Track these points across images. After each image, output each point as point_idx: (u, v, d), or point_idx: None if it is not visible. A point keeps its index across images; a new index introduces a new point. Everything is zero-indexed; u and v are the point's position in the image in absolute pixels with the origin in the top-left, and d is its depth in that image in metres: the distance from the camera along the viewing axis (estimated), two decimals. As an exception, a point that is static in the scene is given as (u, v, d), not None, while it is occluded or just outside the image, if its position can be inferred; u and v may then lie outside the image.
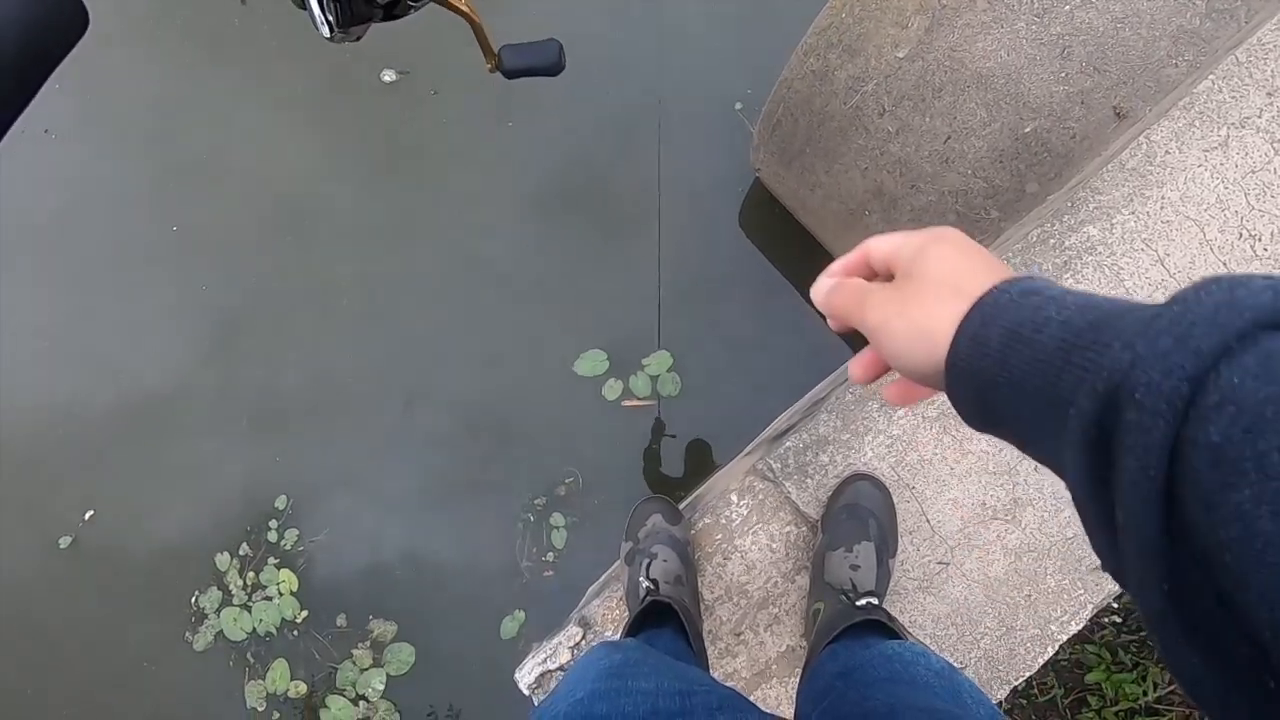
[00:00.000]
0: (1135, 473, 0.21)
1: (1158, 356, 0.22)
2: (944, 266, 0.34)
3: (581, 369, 1.85)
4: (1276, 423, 0.19)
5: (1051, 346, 0.27)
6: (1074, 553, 0.99)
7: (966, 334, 0.31)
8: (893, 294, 0.35)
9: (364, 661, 1.74)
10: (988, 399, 0.30)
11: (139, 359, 1.89)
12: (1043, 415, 0.27)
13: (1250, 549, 0.18)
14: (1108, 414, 0.23)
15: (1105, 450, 0.23)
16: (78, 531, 1.82)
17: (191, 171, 1.94)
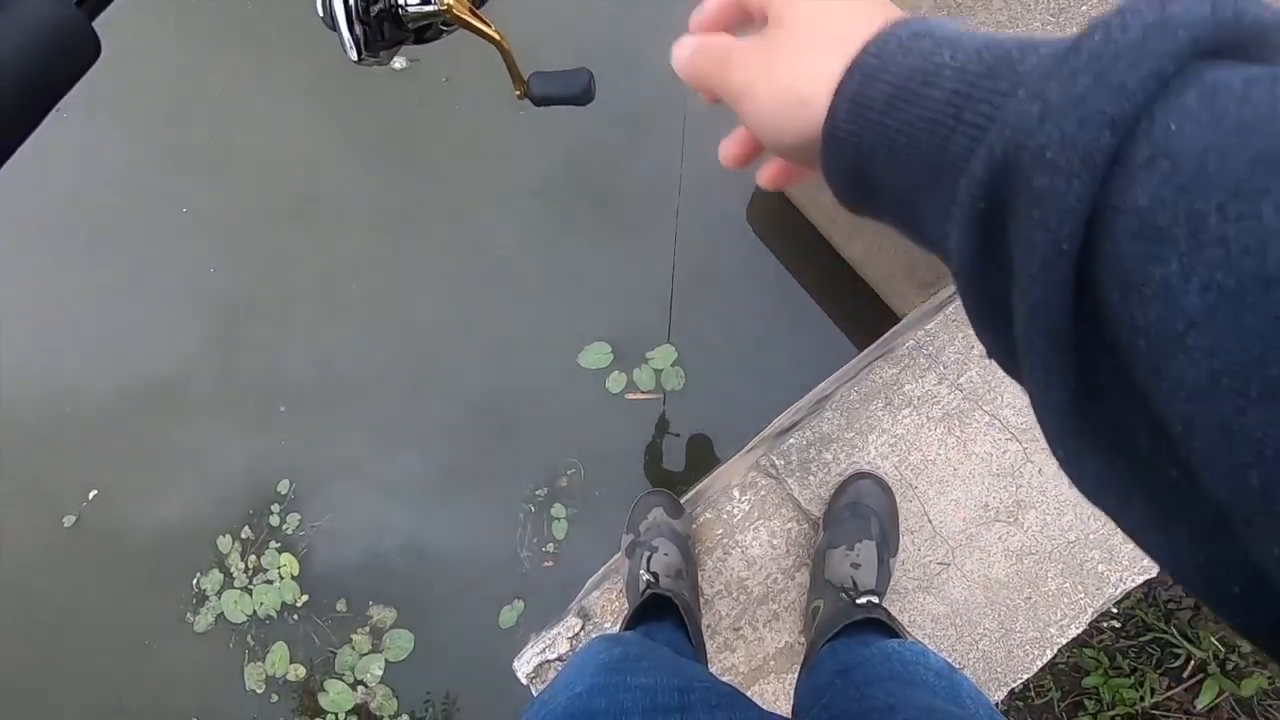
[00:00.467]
0: (1045, 249, 0.17)
1: (1072, 102, 0.17)
2: (822, 11, 0.27)
3: (586, 361, 1.85)
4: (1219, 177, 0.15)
5: (942, 101, 0.21)
6: (1076, 556, 0.98)
7: (846, 94, 0.24)
8: (759, 49, 0.28)
9: (363, 647, 1.75)
10: (865, 172, 0.25)
11: (145, 340, 1.90)
12: (928, 188, 0.22)
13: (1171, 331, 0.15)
14: (1007, 180, 0.19)
15: (1002, 226, 0.19)
16: (81, 511, 1.83)
17: (201, 155, 1.94)
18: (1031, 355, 0.19)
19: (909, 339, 1.07)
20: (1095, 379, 0.18)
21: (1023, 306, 0.19)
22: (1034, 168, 0.18)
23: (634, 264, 1.90)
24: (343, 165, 1.93)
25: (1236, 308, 0.14)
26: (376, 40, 0.49)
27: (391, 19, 0.50)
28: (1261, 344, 0.14)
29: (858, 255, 1.75)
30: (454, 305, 1.90)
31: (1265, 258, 0.14)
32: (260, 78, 1.95)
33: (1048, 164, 0.17)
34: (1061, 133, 0.17)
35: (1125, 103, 0.17)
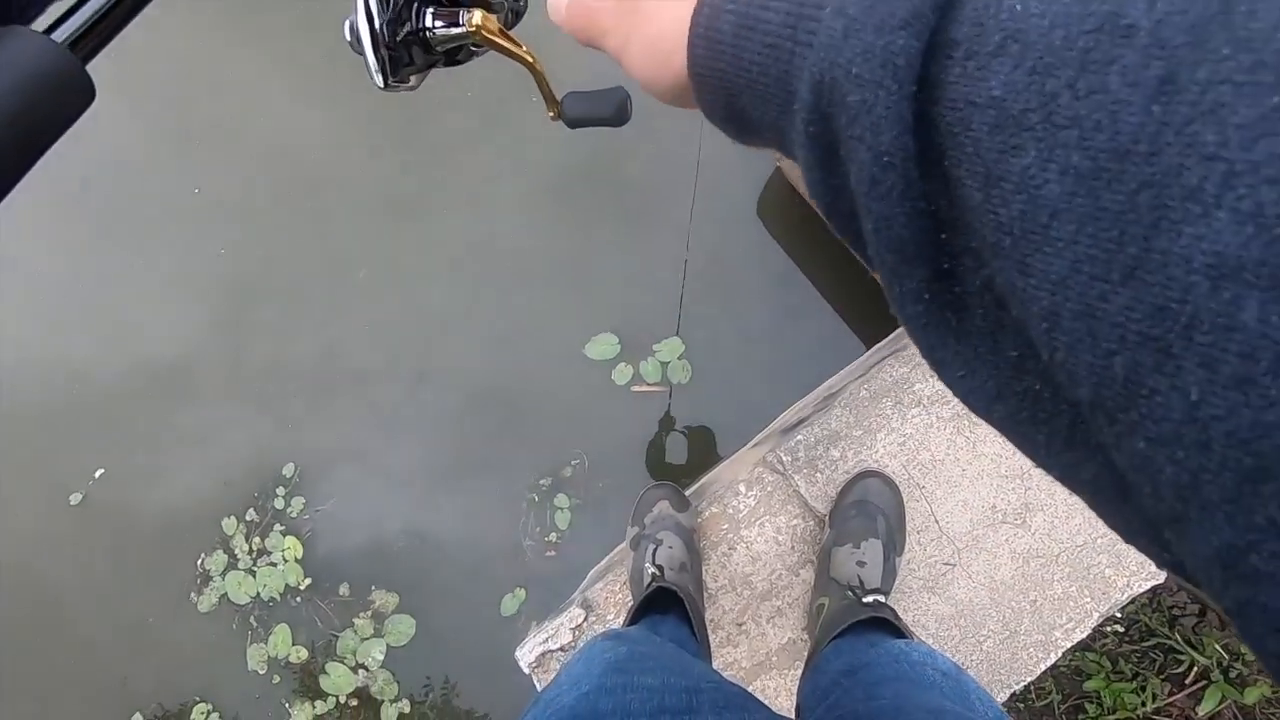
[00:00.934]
0: (870, 164, 0.17)
1: (868, 10, 0.17)
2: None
3: (592, 352, 1.85)
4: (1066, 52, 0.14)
5: (778, 24, 0.21)
6: (1083, 560, 0.98)
7: (699, 32, 0.24)
8: (622, 8, 0.28)
9: (365, 631, 1.75)
10: (736, 105, 0.24)
11: (153, 321, 1.90)
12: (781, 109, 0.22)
13: (1034, 224, 0.15)
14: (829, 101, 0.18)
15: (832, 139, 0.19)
16: (88, 489, 1.84)
17: (212, 139, 1.94)
18: (883, 270, 0.19)
19: (920, 338, 1.06)
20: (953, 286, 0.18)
21: (866, 224, 0.18)
22: (846, 85, 0.17)
23: (643, 256, 1.89)
24: (354, 150, 1.93)
25: (1093, 188, 0.14)
26: (403, 65, 0.48)
27: (420, 43, 0.48)
28: (1120, 222, 0.13)
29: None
30: (462, 293, 1.89)
31: (1116, 130, 0.13)
32: (272, 61, 1.95)
33: (855, 79, 0.17)
34: (863, 45, 0.17)
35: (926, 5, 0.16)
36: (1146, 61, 0.13)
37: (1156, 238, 0.13)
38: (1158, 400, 0.13)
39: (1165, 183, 0.13)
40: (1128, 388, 0.14)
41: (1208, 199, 0.12)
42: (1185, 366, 0.13)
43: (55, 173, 1.91)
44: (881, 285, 0.19)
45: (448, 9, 0.48)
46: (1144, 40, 0.13)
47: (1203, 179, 0.12)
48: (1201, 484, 0.13)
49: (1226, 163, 0.12)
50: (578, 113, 0.53)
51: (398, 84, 0.48)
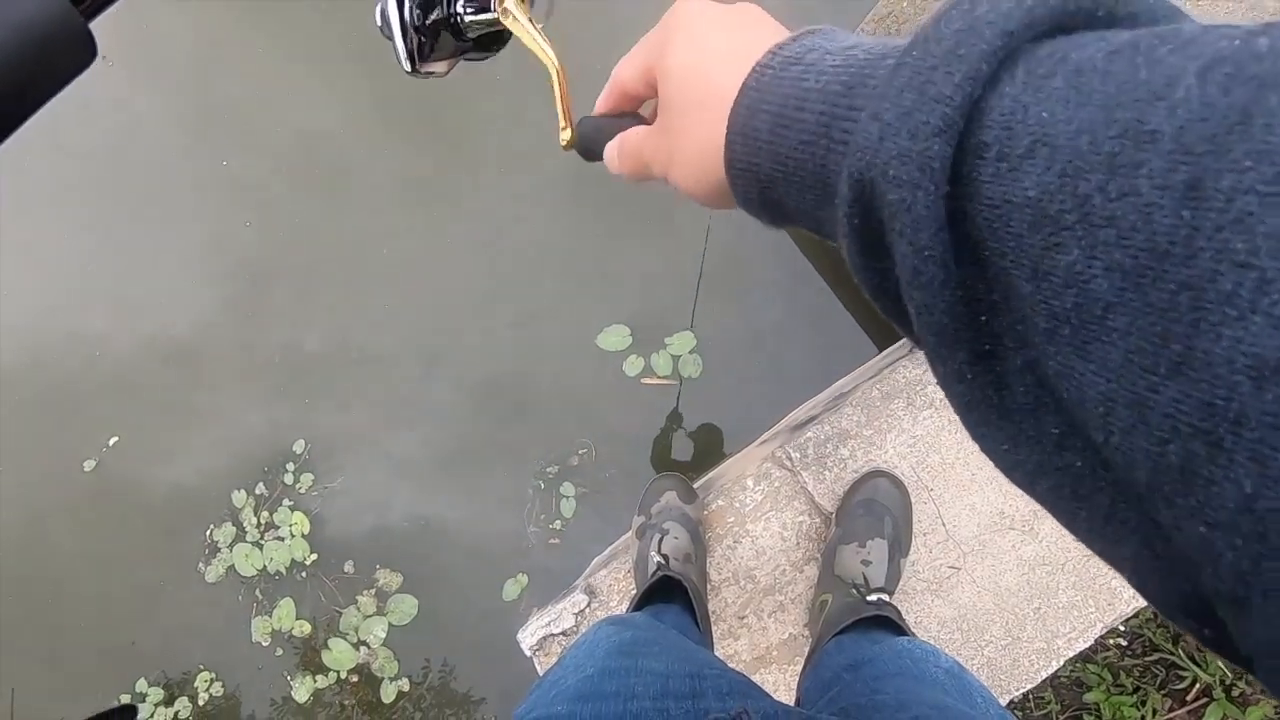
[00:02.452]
0: (912, 259, 0.19)
1: (902, 118, 0.19)
2: (686, 78, 0.29)
3: (604, 342, 1.85)
4: (1095, 156, 0.15)
5: (814, 124, 0.23)
6: (1089, 570, 0.98)
7: (735, 131, 0.26)
8: (661, 136, 0.31)
9: (368, 608, 1.77)
10: (771, 197, 0.26)
11: (173, 294, 1.92)
12: (821, 200, 0.24)
13: (1091, 315, 0.16)
14: (869, 197, 0.20)
15: (875, 233, 0.20)
16: (102, 456, 1.87)
17: (233, 121, 1.95)
18: (927, 351, 0.20)
19: (936, 340, 1.06)
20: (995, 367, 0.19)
21: (910, 310, 0.20)
22: (884, 184, 0.19)
23: (658, 249, 1.89)
24: (374, 134, 1.93)
25: (1139, 284, 0.15)
26: (432, 51, 0.47)
27: (449, 28, 0.48)
28: (1164, 320, 0.14)
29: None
30: (478, 279, 1.90)
31: (1152, 231, 0.14)
32: (295, 42, 1.95)
33: (893, 180, 0.19)
34: (898, 148, 0.19)
35: (948, 109, 0.18)
36: (1173, 166, 0.14)
37: (1198, 337, 0.14)
38: (1214, 490, 0.14)
39: (1202, 286, 0.14)
40: (1184, 475, 0.14)
41: (1243, 304, 0.13)
42: (1237, 460, 0.13)
43: (74, 150, 1.93)
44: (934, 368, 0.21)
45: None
46: (1168, 146, 0.14)
47: (1237, 285, 0.13)
48: (1262, 571, 0.13)
49: (1258, 270, 0.13)
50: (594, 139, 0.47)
51: (427, 70, 0.48)
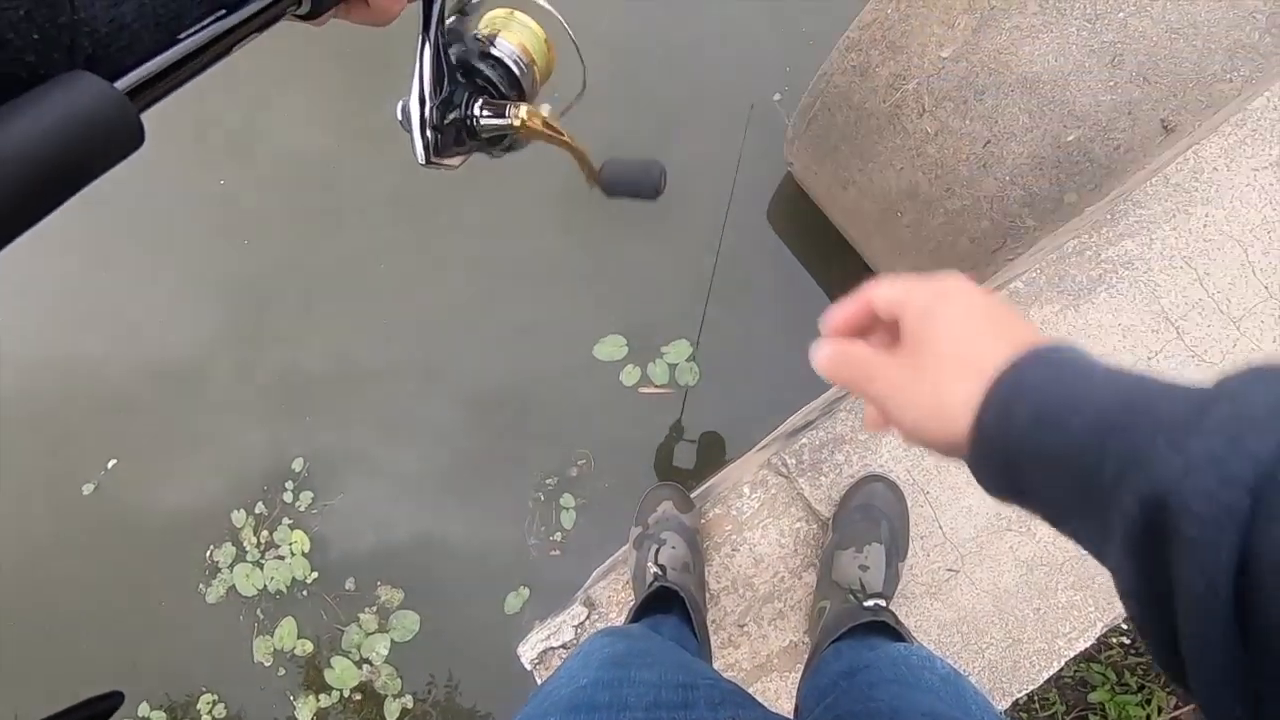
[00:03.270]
0: (1202, 593, 0.20)
1: (1212, 462, 0.20)
2: (953, 335, 0.32)
3: (601, 353, 1.85)
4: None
5: (1085, 430, 0.26)
6: (1087, 569, 0.98)
7: (990, 412, 0.29)
8: (901, 367, 0.34)
9: (370, 626, 1.77)
10: (1015, 478, 0.29)
11: (168, 315, 1.92)
12: (1078, 499, 0.26)
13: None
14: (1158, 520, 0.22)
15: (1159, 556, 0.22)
16: (100, 480, 1.87)
17: (229, 142, 1.96)
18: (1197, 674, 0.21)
19: (927, 343, 1.06)
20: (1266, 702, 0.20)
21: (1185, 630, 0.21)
22: (1182, 517, 0.20)
23: (653, 259, 1.90)
24: (368, 151, 1.95)
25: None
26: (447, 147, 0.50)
27: (465, 129, 0.51)
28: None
29: (877, 255, 1.74)
30: (473, 294, 1.91)
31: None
32: (288, 64, 1.97)
33: (1195, 516, 0.20)
34: (1206, 491, 0.20)
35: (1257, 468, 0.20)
36: None
37: None
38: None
39: None
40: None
41: None
42: None
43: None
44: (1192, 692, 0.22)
45: (496, 101, 0.52)
46: None
47: None
48: None
49: None
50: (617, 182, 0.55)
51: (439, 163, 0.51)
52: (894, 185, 1.50)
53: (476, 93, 0.52)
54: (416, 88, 0.48)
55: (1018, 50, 1.26)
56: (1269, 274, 0.99)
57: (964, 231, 1.45)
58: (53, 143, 0.24)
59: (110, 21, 0.27)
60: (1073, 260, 1.04)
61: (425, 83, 0.48)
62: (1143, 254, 1.02)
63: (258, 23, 0.34)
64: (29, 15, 0.24)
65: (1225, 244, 1.01)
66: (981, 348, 0.31)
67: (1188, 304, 1.00)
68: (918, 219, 1.51)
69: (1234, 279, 1.00)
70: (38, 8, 0.24)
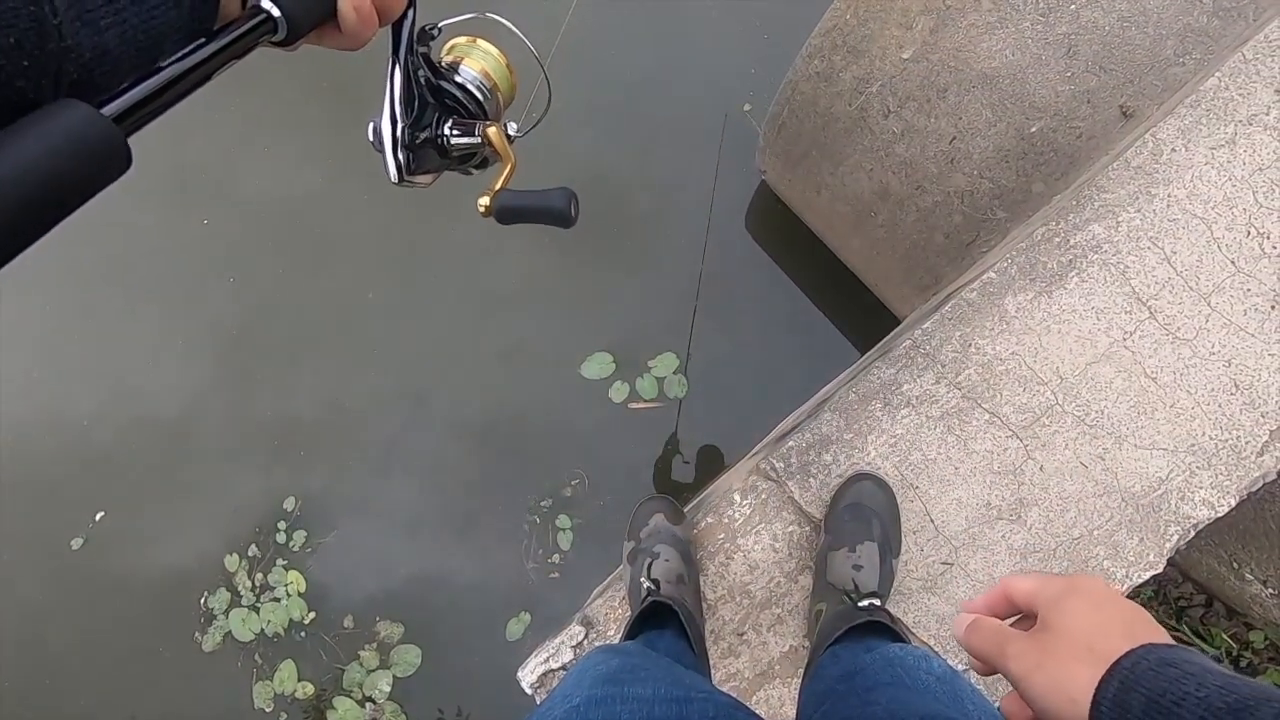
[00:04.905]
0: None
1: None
2: (1079, 624, 0.37)
3: (588, 371, 1.85)
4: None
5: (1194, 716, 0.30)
6: (1080, 553, 0.98)
7: (1108, 697, 0.33)
8: (1031, 646, 0.38)
9: (371, 663, 1.74)
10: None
11: (153, 359, 1.91)
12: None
13: None
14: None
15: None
16: (89, 533, 1.84)
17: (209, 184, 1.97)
18: None
19: (906, 339, 1.07)
20: None
21: None
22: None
23: (634, 276, 1.91)
24: (351, 187, 1.95)
25: None
26: (420, 166, 0.52)
27: (436, 147, 0.53)
28: None
29: (856, 259, 1.75)
30: (456, 320, 1.91)
31: None
32: (265, 104, 1.98)
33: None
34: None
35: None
36: None
37: None
38: None
39: None
40: None
41: None
42: None
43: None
44: None
45: (465, 120, 0.54)
46: None
47: None
48: None
49: None
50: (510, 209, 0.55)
51: (411, 181, 0.52)
52: (866, 187, 1.52)
53: (446, 113, 0.54)
54: (388, 109, 0.49)
55: (975, 47, 1.28)
56: (1234, 249, 1.01)
57: (938, 227, 1.46)
58: (46, 166, 0.25)
59: (95, 48, 0.28)
60: (1042, 248, 1.05)
61: (396, 104, 0.49)
62: (1110, 237, 1.03)
63: (236, 49, 0.35)
64: (18, 43, 0.25)
65: (1189, 222, 1.02)
66: (1104, 636, 0.35)
67: (1157, 283, 1.01)
68: (892, 218, 1.52)
69: (1201, 256, 1.01)
70: (27, 35, 0.25)
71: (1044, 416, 1.01)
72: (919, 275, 1.56)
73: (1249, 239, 1.01)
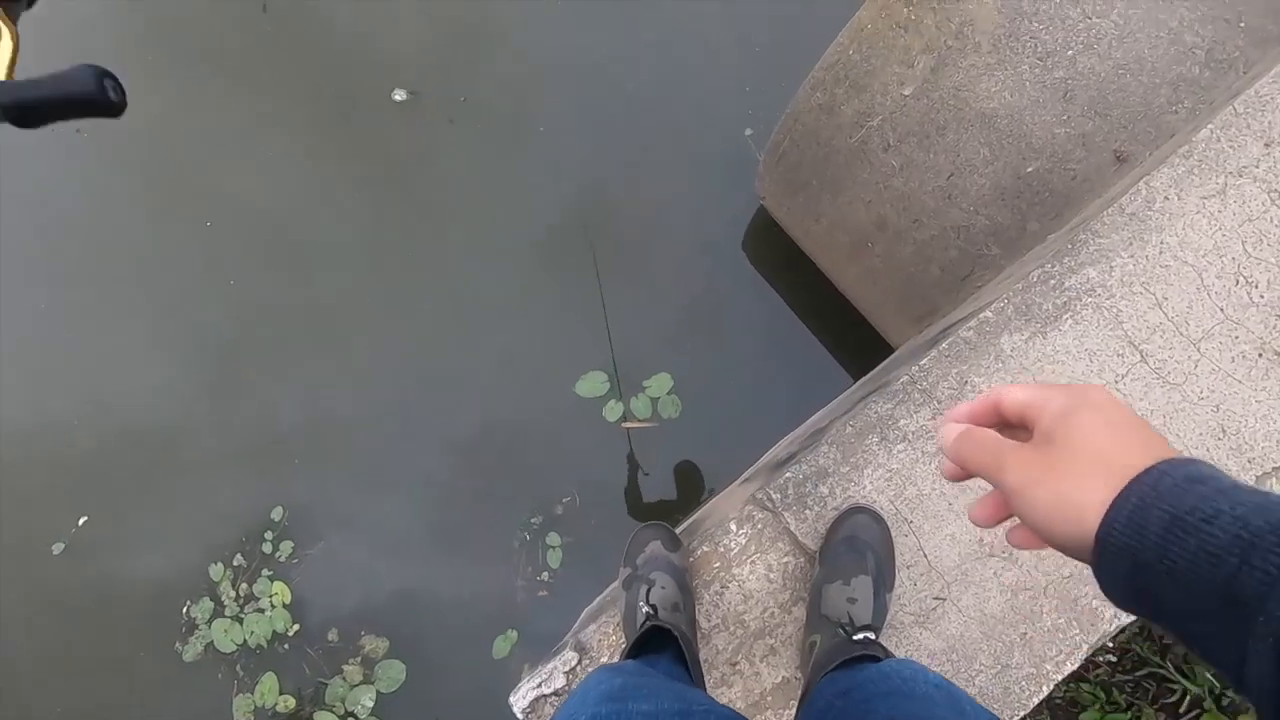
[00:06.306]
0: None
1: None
2: (1094, 438, 0.33)
3: (582, 390, 1.86)
4: None
5: (1225, 540, 0.26)
6: (1070, 592, 0.99)
7: (1122, 515, 0.30)
8: (1035, 459, 0.34)
9: (354, 677, 1.73)
10: (1141, 583, 0.29)
11: (140, 364, 1.89)
12: (1210, 608, 0.27)
13: None
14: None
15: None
16: (71, 538, 1.81)
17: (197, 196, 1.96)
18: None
19: (903, 374, 1.08)
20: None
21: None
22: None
23: (630, 294, 1.92)
24: (342, 199, 1.95)
25: None
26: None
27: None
28: None
29: (851, 286, 1.77)
30: (451, 335, 1.91)
31: None
32: (260, 117, 1.98)
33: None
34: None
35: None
36: None
37: None
38: None
39: None
40: None
41: None
42: None
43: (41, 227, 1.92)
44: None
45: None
46: None
47: None
48: None
49: None
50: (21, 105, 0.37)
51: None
52: (864, 217, 1.54)
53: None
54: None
55: (975, 87, 1.31)
56: (1223, 297, 1.03)
57: (933, 260, 1.49)
58: None
59: None
60: (1038, 289, 1.07)
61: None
62: (1104, 281, 1.06)
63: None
64: None
65: (1181, 269, 1.05)
66: (1121, 452, 0.32)
67: (1149, 328, 1.04)
68: (888, 249, 1.55)
69: (1191, 302, 1.04)
70: None
71: (1036, 455, 1.03)
72: (914, 306, 1.59)
73: (1237, 287, 1.04)
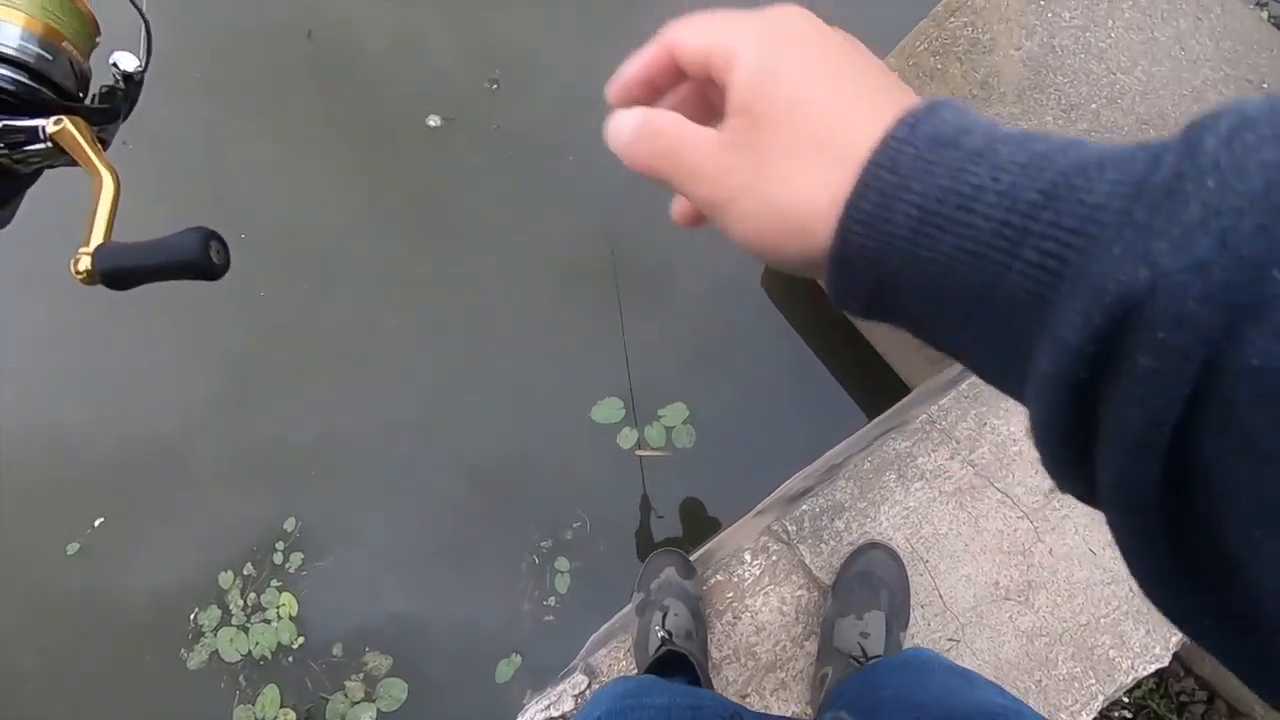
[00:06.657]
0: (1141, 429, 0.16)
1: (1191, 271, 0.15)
2: (806, 104, 0.23)
3: (598, 415, 1.87)
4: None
5: (988, 230, 0.19)
6: (1087, 641, 0.98)
7: (857, 218, 0.21)
8: (731, 155, 0.24)
9: (356, 694, 1.72)
10: (887, 295, 0.22)
11: (160, 376, 1.93)
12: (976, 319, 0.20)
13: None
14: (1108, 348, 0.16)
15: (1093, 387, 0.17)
16: (86, 539, 1.83)
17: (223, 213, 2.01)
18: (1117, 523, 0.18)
19: (921, 413, 1.09)
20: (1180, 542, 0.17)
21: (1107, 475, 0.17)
22: (1140, 345, 0.15)
23: (647, 321, 1.95)
24: (361, 220, 2.00)
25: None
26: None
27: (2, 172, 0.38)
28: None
29: (869, 325, 1.79)
30: (470, 356, 1.93)
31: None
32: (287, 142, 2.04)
33: (1157, 344, 0.15)
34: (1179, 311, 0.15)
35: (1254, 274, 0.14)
36: None
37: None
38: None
39: None
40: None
41: None
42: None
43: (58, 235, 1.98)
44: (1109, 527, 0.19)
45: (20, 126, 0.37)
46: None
47: None
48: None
49: None
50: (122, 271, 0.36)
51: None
52: (885, 258, 1.56)
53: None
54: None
55: (999, 137, 1.34)
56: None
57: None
58: None
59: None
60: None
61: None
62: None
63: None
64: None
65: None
66: (844, 118, 0.22)
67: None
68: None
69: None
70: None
71: (1054, 499, 1.03)
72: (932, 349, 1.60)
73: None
